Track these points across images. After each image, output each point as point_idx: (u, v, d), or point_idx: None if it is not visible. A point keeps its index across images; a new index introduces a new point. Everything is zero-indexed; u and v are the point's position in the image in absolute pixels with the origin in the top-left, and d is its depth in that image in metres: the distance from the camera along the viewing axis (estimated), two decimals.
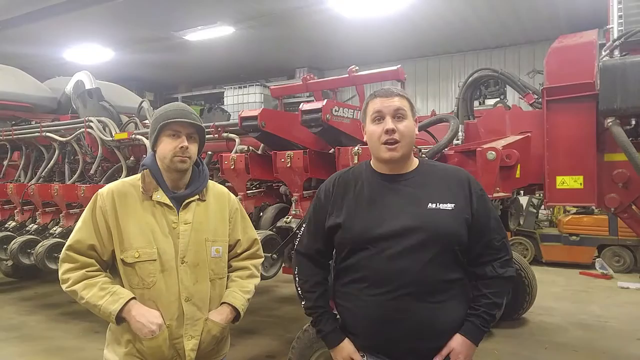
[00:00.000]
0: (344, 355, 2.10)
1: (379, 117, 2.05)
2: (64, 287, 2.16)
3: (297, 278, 2.26)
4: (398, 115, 2.03)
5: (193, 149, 2.25)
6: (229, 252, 2.41)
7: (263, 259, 2.62)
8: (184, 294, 2.19)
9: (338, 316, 2.18)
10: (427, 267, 1.95)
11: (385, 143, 2.02)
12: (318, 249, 2.21)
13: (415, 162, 2.14)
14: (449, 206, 2.00)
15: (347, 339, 2.10)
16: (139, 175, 2.30)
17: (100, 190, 2.26)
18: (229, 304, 2.32)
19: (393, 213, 2.01)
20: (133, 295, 2.14)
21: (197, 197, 2.30)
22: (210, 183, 2.42)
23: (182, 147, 2.18)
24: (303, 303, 2.24)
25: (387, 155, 2.03)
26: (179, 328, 2.18)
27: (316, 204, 2.22)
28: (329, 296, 2.20)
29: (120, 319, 2.10)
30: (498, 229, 2.09)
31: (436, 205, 2.00)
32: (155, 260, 2.15)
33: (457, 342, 2.00)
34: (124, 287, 2.18)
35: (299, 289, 2.25)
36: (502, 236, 2.09)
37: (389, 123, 2.01)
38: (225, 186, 2.61)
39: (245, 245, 2.47)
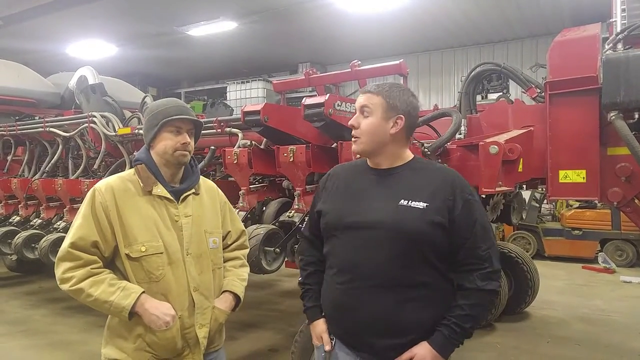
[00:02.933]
0: (316, 332, 2.20)
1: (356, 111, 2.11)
2: (65, 286, 2.14)
3: (298, 256, 2.40)
4: (363, 112, 2.07)
5: (192, 144, 2.32)
6: None
7: (249, 249, 2.70)
8: (192, 285, 2.23)
9: None
10: (388, 263, 1.95)
11: (353, 136, 2.10)
12: (313, 232, 2.31)
13: (406, 157, 2.11)
14: (421, 205, 1.94)
15: (322, 318, 2.19)
16: (131, 171, 2.32)
17: (96, 185, 2.24)
18: (231, 291, 2.39)
19: (366, 206, 2.04)
20: (143, 290, 2.15)
21: (193, 190, 2.35)
22: (201, 178, 2.48)
23: (184, 143, 2.24)
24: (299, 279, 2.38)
25: (352, 147, 2.12)
26: (189, 318, 2.23)
27: (316, 192, 2.34)
28: (321, 276, 2.24)
29: (131, 313, 2.11)
30: (484, 237, 1.97)
31: (407, 203, 1.96)
32: (162, 253, 2.18)
33: (421, 348, 1.94)
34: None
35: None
36: (489, 246, 1.97)
37: (353, 118, 2.10)
38: (228, 181, 2.65)
39: (234, 236, 2.56)
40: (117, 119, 5.90)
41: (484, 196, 4.23)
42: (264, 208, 4.34)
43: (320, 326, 2.18)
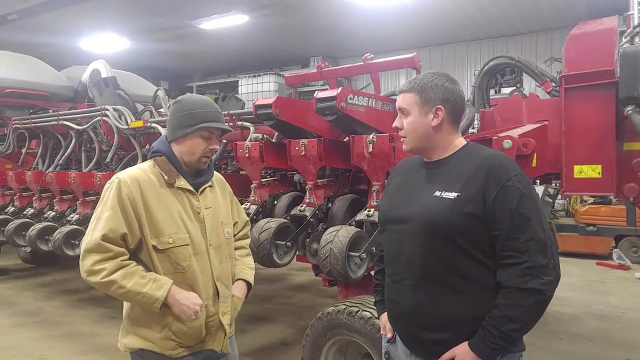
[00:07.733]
0: (382, 323, 2.25)
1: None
2: (96, 279, 2.08)
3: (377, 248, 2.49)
4: (402, 113, 2.05)
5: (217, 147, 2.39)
6: None
7: (250, 239, 2.81)
8: (215, 274, 2.31)
9: None
10: (421, 257, 1.91)
11: (400, 137, 2.11)
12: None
13: (457, 146, 2.02)
14: (452, 195, 1.86)
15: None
16: (149, 162, 2.32)
17: (120, 177, 2.21)
18: (243, 279, 2.49)
19: (407, 199, 2.04)
20: (172, 281, 2.19)
21: (209, 183, 2.41)
22: None
23: (212, 148, 2.31)
24: None
25: (402, 147, 2.11)
26: (213, 306, 2.30)
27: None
28: None
29: (163, 304, 2.15)
30: (524, 227, 1.78)
31: (440, 194, 1.89)
32: (188, 244, 2.23)
33: (461, 349, 1.86)
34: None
35: None
36: (530, 237, 1.77)
37: (395, 120, 2.09)
38: (240, 174, 2.69)
39: (240, 226, 2.66)
40: (130, 112, 5.91)
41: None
42: (275, 202, 4.32)
43: (384, 317, 2.22)
